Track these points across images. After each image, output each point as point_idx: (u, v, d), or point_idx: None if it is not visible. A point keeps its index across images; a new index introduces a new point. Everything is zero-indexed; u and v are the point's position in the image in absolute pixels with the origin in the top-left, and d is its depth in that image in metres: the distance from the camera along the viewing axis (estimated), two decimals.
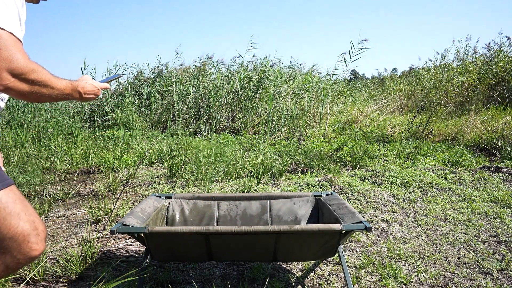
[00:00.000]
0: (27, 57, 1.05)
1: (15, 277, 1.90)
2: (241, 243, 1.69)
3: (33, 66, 1.06)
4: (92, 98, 1.40)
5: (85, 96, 1.33)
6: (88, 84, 1.35)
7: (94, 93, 1.38)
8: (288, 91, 7.01)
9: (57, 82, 1.16)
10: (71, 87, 1.24)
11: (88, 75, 1.47)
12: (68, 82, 1.23)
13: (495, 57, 8.33)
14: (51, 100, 1.19)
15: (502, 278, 1.95)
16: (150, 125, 6.77)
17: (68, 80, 1.24)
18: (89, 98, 1.37)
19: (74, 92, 1.27)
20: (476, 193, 3.31)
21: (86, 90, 1.32)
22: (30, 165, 4.10)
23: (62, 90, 1.19)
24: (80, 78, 1.36)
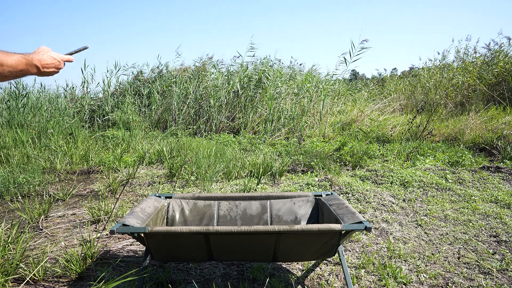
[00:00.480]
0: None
1: (15, 277, 1.90)
2: (241, 243, 1.69)
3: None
4: (53, 72, 1.25)
5: (44, 70, 1.19)
6: (47, 56, 1.20)
7: (55, 66, 1.23)
8: (288, 91, 7.01)
9: (6, 58, 1.06)
10: (25, 62, 1.12)
11: (46, 46, 1.28)
12: (21, 57, 1.11)
13: (495, 57, 8.32)
14: (5, 79, 1.10)
15: (502, 278, 1.95)
16: (150, 125, 6.77)
17: (21, 54, 1.12)
18: (49, 72, 1.22)
19: (30, 67, 1.14)
20: (476, 193, 3.31)
21: (44, 63, 1.19)
22: (30, 165, 4.10)
23: (15, 67, 1.09)
24: (36, 50, 1.22)
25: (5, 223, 2.61)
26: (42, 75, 1.23)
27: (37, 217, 2.73)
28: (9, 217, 2.84)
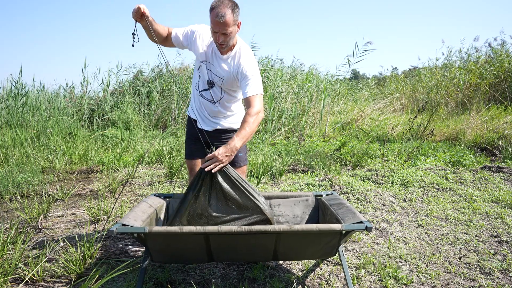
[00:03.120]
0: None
1: (14, 277, 1.89)
2: (242, 243, 1.67)
3: None
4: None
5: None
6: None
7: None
8: (289, 91, 7.00)
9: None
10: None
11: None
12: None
13: (496, 56, 8.30)
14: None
15: (503, 279, 1.94)
16: (149, 124, 6.76)
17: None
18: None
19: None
20: (477, 193, 3.30)
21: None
22: (29, 165, 4.09)
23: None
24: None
25: (4, 223, 2.60)
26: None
27: (36, 217, 2.72)
28: (8, 217, 2.84)
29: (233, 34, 1.84)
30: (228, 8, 1.75)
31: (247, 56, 1.93)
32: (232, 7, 1.77)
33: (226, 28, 1.76)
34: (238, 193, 1.80)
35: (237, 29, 1.86)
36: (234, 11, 1.77)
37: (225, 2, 1.76)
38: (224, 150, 1.73)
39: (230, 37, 1.82)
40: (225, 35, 1.79)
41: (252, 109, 1.82)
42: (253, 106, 1.83)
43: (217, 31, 1.79)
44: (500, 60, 8.03)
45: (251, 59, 1.94)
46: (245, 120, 1.81)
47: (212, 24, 1.79)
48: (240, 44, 1.95)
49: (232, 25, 1.78)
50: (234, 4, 1.80)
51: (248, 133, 1.78)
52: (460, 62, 9.10)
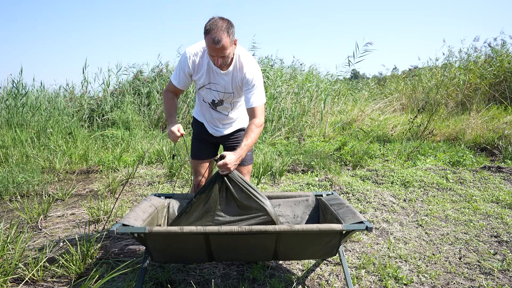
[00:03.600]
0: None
1: (14, 277, 1.89)
2: (242, 243, 1.67)
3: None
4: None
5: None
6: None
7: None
8: (289, 91, 6.99)
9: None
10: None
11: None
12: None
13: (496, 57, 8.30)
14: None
15: (503, 279, 1.93)
16: (149, 124, 6.76)
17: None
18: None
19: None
20: (477, 193, 3.30)
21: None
22: (29, 165, 4.09)
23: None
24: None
25: (4, 223, 2.60)
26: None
27: (36, 217, 2.72)
28: (8, 217, 2.83)
29: (231, 54, 1.82)
30: (223, 32, 1.69)
31: (249, 64, 1.91)
32: (227, 28, 1.71)
33: (224, 52, 1.74)
34: (244, 195, 1.84)
35: (234, 47, 1.83)
36: (230, 32, 1.72)
37: (219, 24, 1.70)
38: (235, 159, 1.79)
39: (228, 57, 1.80)
40: (223, 57, 1.77)
41: (257, 120, 1.88)
42: (258, 116, 1.89)
43: (214, 55, 1.76)
44: (500, 60, 8.03)
45: (253, 66, 1.92)
46: (251, 129, 1.86)
47: (209, 49, 1.75)
48: (238, 53, 1.91)
49: (229, 47, 1.74)
50: (229, 24, 1.74)
51: (253, 142, 1.87)
52: (460, 62, 9.10)
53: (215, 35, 1.68)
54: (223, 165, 1.77)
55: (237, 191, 1.84)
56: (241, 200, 1.84)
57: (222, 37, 1.69)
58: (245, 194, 1.84)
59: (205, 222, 1.84)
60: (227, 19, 1.76)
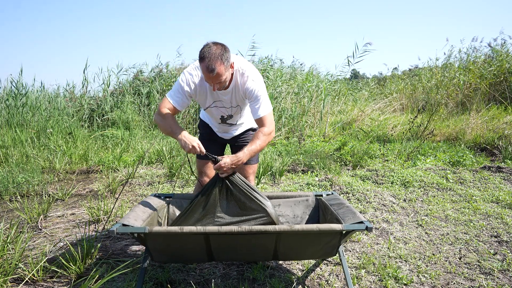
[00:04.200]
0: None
1: (14, 277, 1.89)
2: (242, 243, 1.67)
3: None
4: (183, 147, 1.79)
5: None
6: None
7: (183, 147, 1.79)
8: (289, 91, 6.99)
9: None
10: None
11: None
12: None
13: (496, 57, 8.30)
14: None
15: (503, 279, 1.93)
16: (149, 124, 6.75)
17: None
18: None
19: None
20: (477, 193, 3.30)
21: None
22: (29, 165, 4.09)
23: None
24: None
25: (4, 223, 2.60)
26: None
27: (36, 217, 2.72)
28: (8, 217, 2.83)
29: (228, 78, 1.79)
30: (217, 59, 1.66)
31: (248, 78, 1.87)
32: (221, 55, 1.68)
33: (219, 79, 1.72)
34: (244, 196, 1.84)
35: (231, 70, 1.80)
36: (224, 59, 1.69)
37: (212, 50, 1.67)
38: (230, 161, 1.78)
39: (225, 82, 1.78)
40: (219, 83, 1.75)
41: (265, 128, 1.86)
42: (266, 125, 1.87)
43: (210, 82, 1.75)
44: (500, 60, 8.03)
45: (253, 78, 1.88)
46: (258, 136, 1.84)
47: (204, 76, 1.74)
48: (236, 68, 1.87)
49: (224, 74, 1.72)
50: (223, 49, 1.71)
51: (257, 149, 1.84)
52: (460, 62, 9.10)
53: (209, 64, 1.66)
54: (218, 167, 1.78)
55: (237, 192, 1.85)
56: (242, 201, 1.85)
57: (216, 65, 1.67)
58: (245, 195, 1.84)
59: (205, 223, 1.84)
60: (221, 44, 1.73)
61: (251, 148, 1.82)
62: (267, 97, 1.93)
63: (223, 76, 1.72)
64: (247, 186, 1.86)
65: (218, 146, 2.26)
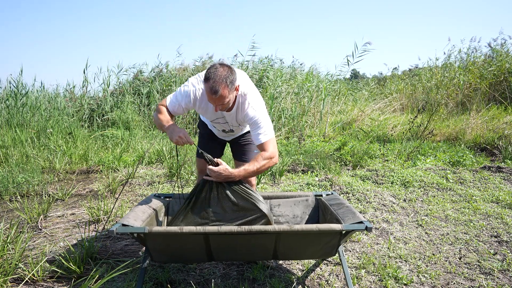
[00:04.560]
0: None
1: (14, 277, 1.89)
2: (242, 243, 1.67)
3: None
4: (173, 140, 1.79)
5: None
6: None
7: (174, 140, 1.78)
8: (289, 91, 6.99)
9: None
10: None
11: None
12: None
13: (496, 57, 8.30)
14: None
15: (503, 279, 1.93)
16: (149, 124, 6.75)
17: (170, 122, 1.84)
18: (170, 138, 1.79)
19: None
20: (477, 193, 3.30)
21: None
22: (29, 165, 4.09)
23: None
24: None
25: (4, 223, 2.60)
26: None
27: (36, 217, 2.72)
28: (8, 217, 2.83)
29: (232, 100, 1.77)
30: (222, 82, 1.65)
31: (251, 104, 1.86)
32: (226, 78, 1.66)
33: (222, 101, 1.70)
34: (236, 194, 1.84)
35: (235, 93, 1.78)
36: (228, 81, 1.67)
37: (218, 73, 1.66)
38: (224, 175, 1.79)
39: (228, 104, 1.76)
40: (222, 105, 1.73)
41: (266, 153, 1.84)
42: (267, 150, 1.85)
43: (213, 104, 1.73)
44: (500, 60, 8.03)
45: (255, 104, 1.86)
46: (257, 160, 1.83)
47: (207, 97, 1.72)
48: (240, 92, 1.85)
49: (228, 96, 1.70)
50: (229, 72, 1.69)
51: (254, 172, 1.83)
52: (460, 62, 9.10)
53: (213, 85, 1.65)
54: (212, 171, 1.79)
55: (232, 193, 1.84)
56: (234, 199, 1.84)
57: (220, 88, 1.65)
58: (240, 195, 1.84)
59: (200, 224, 1.84)
60: (228, 66, 1.72)
61: (247, 168, 1.81)
62: (269, 123, 1.90)
63: (226, 99, 1.70)
64: (242, 186, 1.85)
65: (218, 145, 2.27)
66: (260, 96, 1.95)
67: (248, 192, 1.84)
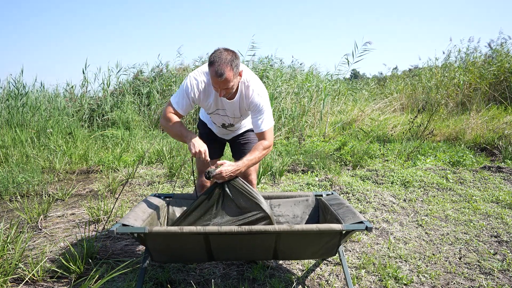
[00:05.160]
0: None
1: (14, 277, 1.89)
2: (242, 243, 1.68)
3: None
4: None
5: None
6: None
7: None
8: (288, 91, 6.99)
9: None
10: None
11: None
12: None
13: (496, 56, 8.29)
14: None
15: (503, 279, 1.93)
16: (149, 124, 6.76)
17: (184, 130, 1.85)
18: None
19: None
20: (477, 193, 3.30)
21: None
22: (29, 165, 4.09)
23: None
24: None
25: (4, 223, 2.60)
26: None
27: (36, 217, 2.72)
28: (8, 217, 2.83)
29: (235, 85, 1.79)
30: (227, 65, 1.67)
31: (254, 91, 1.87)
32: (231, 61, 1.68)
33: (227, 85, 1.71)
34: (242, 198, 1.85)
35: (239, 78, 1.79)
36: (233, 65, 1.69)
37: (223, 56, 1.68)
38: (231, 170, 1.80)
39: (232, 89, 1.77)
40: (226, 89, 1.74)
41: (265, 142, 1.90)
42: (267, 139, 1.90)
43: (218, 88, 1.74)
44: (500, 60, 8.03)
45: (259, 92, 1.88)
46: (258, 149, 1.87)
47: (212, 81, 1.73)
48: (243, 80, 1.87)
49: (232, 80, 1.72)
50: (233, 56, 1.71)
51: (255, 161, 1.87)
52: (460, 62, 9.10)
53: (218, 68, 1.66)
54: (219, 176, 1.79)
55: (235, 195, 1.86)
56: (239, 202, 1.86)
57: (225, 70, 1.66)
58: (243, 196, 1.85)
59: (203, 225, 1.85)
60: (232, 50, 1.74)
61: (250, 158, 1.84)
62: (271, 112, 1.95)
63: (231, 82, 1.72)
64: (245, 187, 1.86)
65: (217, 145, 2.27)
66: (263, 84, 1.96)
67: (250, 192, 1.85)
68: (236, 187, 1.86)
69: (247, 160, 1.84)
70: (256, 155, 1.86)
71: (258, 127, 1.90)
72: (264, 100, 1.89)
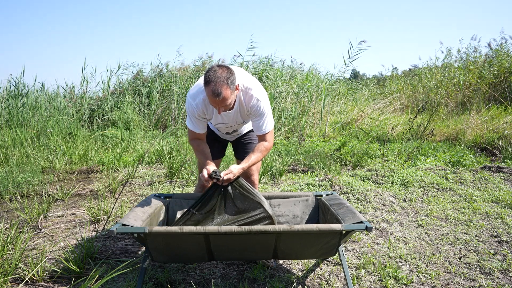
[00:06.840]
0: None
1: (14, 277, 1.89)
2: (242, 243, 1.68)
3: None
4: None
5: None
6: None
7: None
8: (288, 91, 6.99)
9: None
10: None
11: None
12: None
13: (496, 56, 8.29)
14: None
15: (503, 279, 1.93)
16: (149, 124, 6.76)
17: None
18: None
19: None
20: (477, 193, 3.30)
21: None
22: (29, 165, 4.09)
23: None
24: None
25: (4, 223, 2.60)
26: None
27: (36, 217, 2.72)
28: (8, 217, 2.84)
29: (233, 101, 1.79)
30: (223, 83, 1.65)
31: (255, 95, 1.87)
32: (227, 79, 1.66)
33: (225, 102, 1.70)
34: (241, 195, 1.87)
35: (236, 92, 1.79)
36: (229, 82, 1.68)
37: (218, 75, 1.66)
38: (237, 172, 1.83)
39: (230, 104, 1.76)
40: (225, 106, 1.74)
41: (266, 143, 1.95)
42: (267, 140, 1.96)
43: (215, 106, 1.74)
44: (500, 60, 8.03)
45: (257, 96, 1.88)
46: (260, 149, 1.92)
47: (210, 101, 1.73)
48: (241, 87, 1.86)
49: (230, 97, 1.71)
50: (228, 72, 1.69)
51: (257, 160, 1.92)
52: (460, 62, 9.10)
53: (214, 88, 1.65)
54: (229, 172, 1.81)
55: (236, 195, 1.87)
56: (240, 202, 1.87)
57: (222, 89, 1.65)
58: (244, 196, 1.86)
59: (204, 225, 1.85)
60: (226, 67, 1.72)
61: (252, 158, 1.89)
62: (271, 114, 1.97)
63: (228, 100, 1.71)
64: (247, 187, 1.87)
65: (220, 145, 2.30)
66: (262, 87, 1.97)
67: (252, 192, 1.86)
68: (238, 188, 1.86)
69: (250, 160, 1.89)
70: (258, 155, 1.92)
71: (259, 130, 1.93)
72: (264, 103, 1.90)
